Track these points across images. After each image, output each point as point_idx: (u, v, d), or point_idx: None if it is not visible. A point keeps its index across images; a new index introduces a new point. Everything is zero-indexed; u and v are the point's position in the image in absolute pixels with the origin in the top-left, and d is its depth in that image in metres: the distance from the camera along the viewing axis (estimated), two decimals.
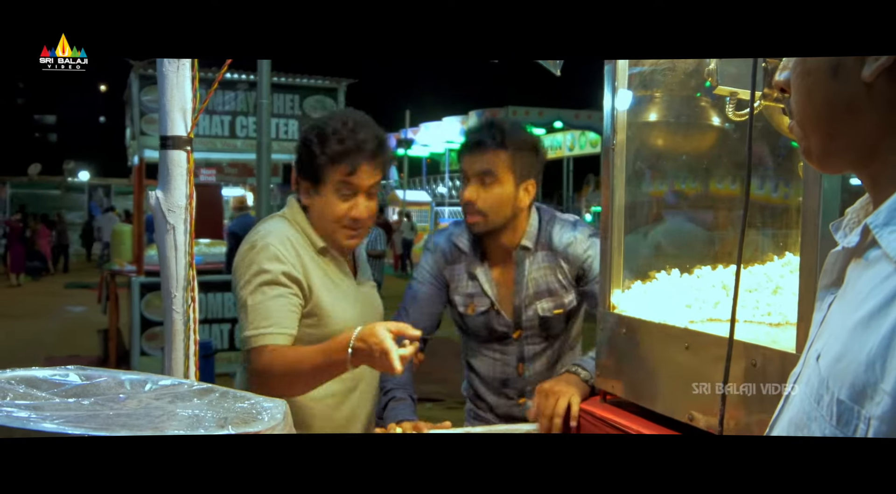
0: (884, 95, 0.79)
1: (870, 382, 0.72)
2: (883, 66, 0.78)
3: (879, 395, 0.71)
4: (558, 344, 2.30)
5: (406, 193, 21.68)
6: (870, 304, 0.75)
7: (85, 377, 1.13)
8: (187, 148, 1.57)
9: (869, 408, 0.72)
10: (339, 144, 1.92)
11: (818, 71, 0.84)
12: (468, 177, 2.18)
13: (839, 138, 0.84)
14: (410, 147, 22.90)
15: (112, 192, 27.24)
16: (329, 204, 1.95)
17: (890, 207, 0.78)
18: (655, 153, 1.97)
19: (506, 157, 2.16)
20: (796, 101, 0.87)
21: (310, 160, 1.95)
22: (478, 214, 2.17)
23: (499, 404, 2.32)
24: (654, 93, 1.90)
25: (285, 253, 1.89)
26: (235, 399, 1.15)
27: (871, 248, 0.79)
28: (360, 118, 2.00)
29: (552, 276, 2.23)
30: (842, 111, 0.82)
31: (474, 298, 2.27)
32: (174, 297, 1.58)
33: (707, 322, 1.61)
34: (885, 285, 0.74)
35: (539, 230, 2.26)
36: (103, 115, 46.33)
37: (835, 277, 0.88)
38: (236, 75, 8.38)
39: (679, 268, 1.82)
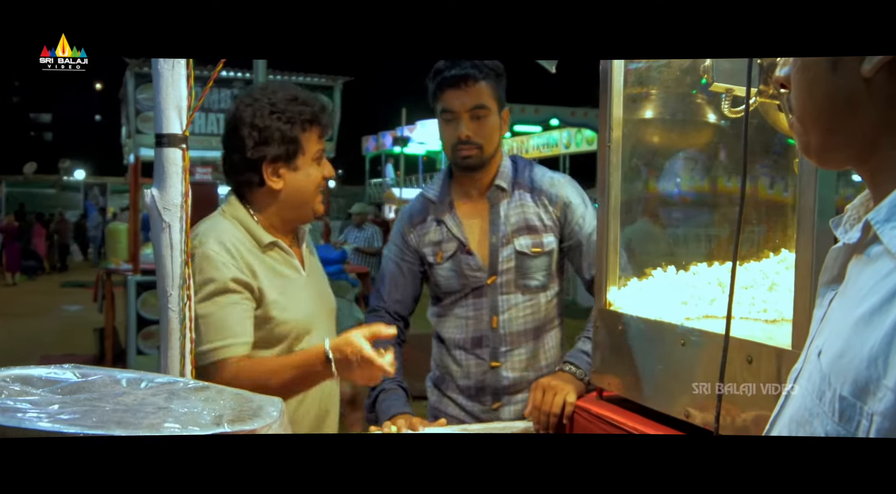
0: (883, 91, 0.80)
1: (872, 378, 0.72)
2: (882, 61, 0.78)
3: (882, 391, 0.71)
4: (536, 306, 2.21)
5: (402, 191, 21.66)
6: (871, 300, 0.75)
7: (80, 375, 1.13)
8: (183, 146, 1.57)
9: (871, 404, 0.72)
10: (307, 108, 1.90)
11: (818, 66, 0.84)
12: (458, 113, 2.16)
13: (838, 134, 0.84)
14: (407, 144, 22.87)
15: (108, 191, 27.18)
16: (309, 174, 1.92)
17: (891, 203, 0.78)
18: (651, 150, 1.97)
19: (490, 88, 2.18)
20: (796, 97, 0.88)
21: (283, 136, 1.87)
22: (475, 148, 2.17)
23: (469, 371, 2.22)
24: (650, 90, 1.90)
25: (229, 258, 1.82)
26: (231, 396, 1.15)
27: (873, 244, 0.79)
28: (289, 86, 1.97)
29: (532, 214, 2.21)
30: (841, 106, 0.83)
31: (442, 244, 2.25)
32: (170, 296, 1.57)
33: (703, 319, 1.61)
34: (887, 281, 0.74)
35: (515, 172, 2.26)
36: (99, 114, 46.30)
37: (836, 273, 0.88)
38: (232, 73, 8.36)
39: (675, 265, 1.82)
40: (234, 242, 1.86)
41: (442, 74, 2.18)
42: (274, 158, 1.88)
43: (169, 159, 1.56)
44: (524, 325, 2.20)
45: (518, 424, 2.02)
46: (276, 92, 1.90)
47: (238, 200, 1.94)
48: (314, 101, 1.93)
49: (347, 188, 29.00)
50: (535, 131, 20.30)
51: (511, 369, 2.20)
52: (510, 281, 2.19)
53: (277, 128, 1.86)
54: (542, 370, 2.21)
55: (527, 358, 2.21)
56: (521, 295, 2.19)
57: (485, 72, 2.16)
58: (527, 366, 2.21)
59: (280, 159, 1.88)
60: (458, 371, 2.25)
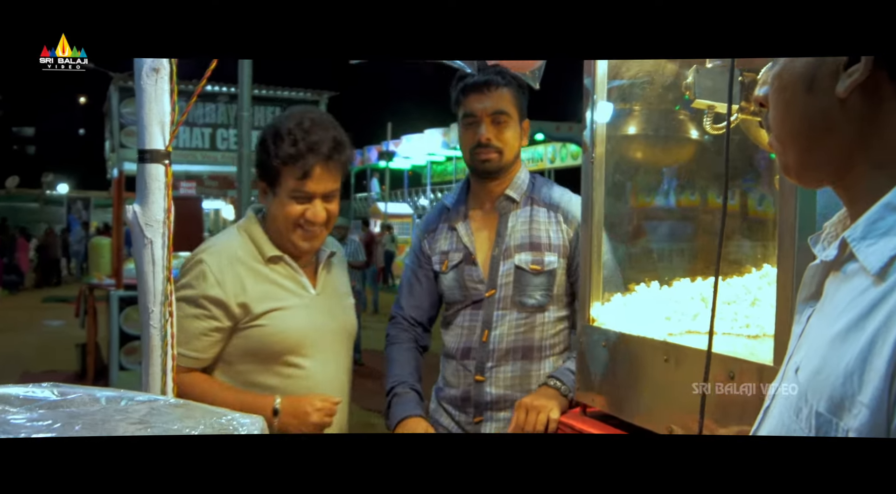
0: (857, 111, 0.81)
1: (847, 394, 0.73)
2: (856, 81, 0.80)
3: (857, 408, 0.72)
4: (529, 325, 2.16)
5: (387, 206, 21.67)
6: (847, 317, 0.76)
7: (59, 393, 1.12)
8: (165, 161, 1.56)
9: (847, 421, 0.73)
10: (291, 146, 1.88)
11: (794, 86, 0.85)
12: (479, 117, 2.17)
13: (815, 153, 0.86)
14: (392, 159, 22.91)
15: (91, 205, 27.01)
16: (283, 206, 1.91)
17: (867, 221, 0.79)
18: (634, 166, 1.98)
19: (512, 96, 2.19)
20: (774, 116, 0.89)
21: (265, 162, 1.92)
22: (494, 151, 2.17)
23: (458, 381, 2.21)
24: (634, 107, 1.92)
25: (216, 273, 1.88)
26: (212, 414, 1.14)
27: (849, 262, 0.81)
28: (317, 117, 1.95)
29: (541, 230, 2.18)
30: (817, 126, 0.84)
31: (449, 254, 2.25)
32: (151, 312, 1.56)
33: (686, 334, 1.61)
34: (863, 298, 0.75)
35: (532, 186, 2.25)
36: (83, 128, 46.07)
37: (813, 290, 0.89)
38: (217, 87, 8.36)
39: (658, 281, 1.83)
40: (233, 256, 1.92)
41: (465, 80, 2.20)
42: (261, 177, 1.96)
43: (151, 175, 1.56)
44: (514, 343, 2.16)
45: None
46: (299, 118, 1.93)
47: (255, 215, 2.02)
48: (296, 144, 1.88)
49: None
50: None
51: (495, 385, 2.16)
52: (507, 296, 2.16)
53: (259, 153, 1.95)
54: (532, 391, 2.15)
55: (513, 376, 2.16)
56: (517, 312, 2.16)
57: (507, 79, 2.17)
58: (513, 385, 2.16)
59: (264, 180, 1.95)
60: (449, 380, 2.25)
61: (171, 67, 1.55)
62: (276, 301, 1.92)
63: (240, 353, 1.92)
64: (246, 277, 1.91)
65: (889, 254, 0.75)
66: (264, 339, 1.90)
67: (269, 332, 1.90)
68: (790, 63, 0.86)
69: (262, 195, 1.99)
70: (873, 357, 0.71)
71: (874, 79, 0.79)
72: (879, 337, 0.71)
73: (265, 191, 1.96)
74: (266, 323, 1.90)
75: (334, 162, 1.91)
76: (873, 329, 0.72)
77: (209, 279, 1.87)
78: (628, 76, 1.86)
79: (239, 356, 1.92)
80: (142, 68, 1.52)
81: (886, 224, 0.77)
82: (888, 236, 0.76)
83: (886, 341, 0.70)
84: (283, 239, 1.96)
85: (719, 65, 1.55)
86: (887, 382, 0.70)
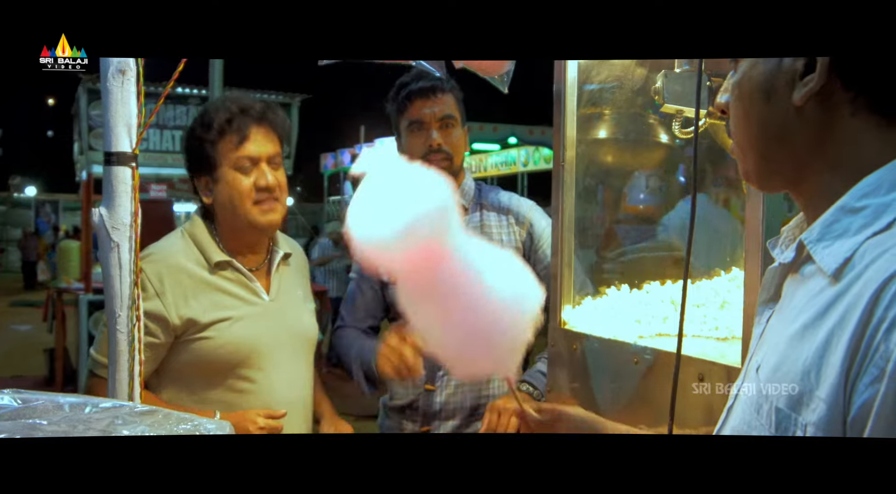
0: (812, 119, 0.84)
1: (805, 390, 0.77)
2: (811, 90, 0.83)
3: (815, 402, 0.76)
4: None
5: None
6: (805, 316, 0.79)
7: (21, 400, 1.10)
8: (132, 164, 1.54)
9: (805, 415, 0.76)
10: (224, 114, 1.83)
11: (753, 95, 0.88)
12: (427, 123, 2.14)
13: (773, 159, 0.89)
14: None
15: (60, 208, 26.62)
16: (230, 185, 1.83)
17: (822, 223, 0.82)
18: (605, 169, 1.99)
19: (454, 100, 2.18)
20: (734, 124, 0.92)
21: (197, 148, 1.85)
22: (446, 159, 2.14)
23: (407, 391, 2.17)
24: (603, 111, 1.93)
25: (155, 284, 1.78)
26: (179, 420, 1.13)
27: (806, 264, 0.84)
28: (240, 94, 1.92)
29: (493, 234, 2.16)
30: (775, 133, 0.87)
31: None
32: (118, 317, 1.54)
33: (656, 337, 1.62)
34: (819, 298, 0.78)
35: (478, 191, 2.24)
36: (51, 130, 45.39)
37: (772, 293, 0.92)
38: (188, 90, 8.28)
39: (628, 284, 1.84)
40: (174, 264, 1.82)
41: (409, 86, 2.16)
42: (197, 173, 1.88)
43: (118, 178, 1.53)
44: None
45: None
46: (223, 97, 1.89)
47: (202, 219, 1.91)
48: (227, 109, 1.84)
49: (306, 205, 28.82)
50: (494, 149, 20.39)
51: (445, 394, 2.14)
52: None
53: (194, 139, 1.86)
54: (482, 400, 2.15)
55: (463, 385, 2.14)
56: None
57: (450, 85, 2.16)
58: (463, 393, 2.14)
59: (203, 173, 1.87)
60: (397, 390, 2.20)
61: (137, 69, 1.53)
62: (224, 310, 1.82)
63: (188, 367, 1.82)
64: (189, 287, 1.81)
65: (844, 256, 0.78)
66: (211, 353, 1.80)
67: (216, 345, 1.80)
68: (749, 72, 0.89)
69: (205, 191, 1.88)
70: (829, 354, 0.74)
71: (828, 87, 0.82)
72: (834, 335, 0.74)
73: (206, 184, 1.87)
74: (213, 336, 1.80)
75: (269, 122, 1.86)
76: (829, 327, 0.75)
77: (148, 290, 1.75)
78: (598, 80, 1.87)
79: (187, 370, 1.82)
80: (108, 70, 1.50)
81: (841, 226, 0.80)
82: (843, 238, 0.79)
83: (841, 339, 0.73)
84: (239, 227, 1.86)
85: (687, 69, 1.57)
86: (843, 377, 0.73)
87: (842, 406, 0.73)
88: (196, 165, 1.88)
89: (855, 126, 0.82)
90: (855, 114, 0.82)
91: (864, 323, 0.72)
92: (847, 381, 0.72)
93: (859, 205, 0.80)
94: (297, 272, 2.03)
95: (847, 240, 0.79)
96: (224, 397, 1.82)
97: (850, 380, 0.72)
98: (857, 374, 0.72)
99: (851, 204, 0.80)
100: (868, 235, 0.77)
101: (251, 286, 1.89)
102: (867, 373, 0.71)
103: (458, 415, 2.13)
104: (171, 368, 1.83)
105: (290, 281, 1.99)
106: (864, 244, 0.77)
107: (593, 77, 1.87)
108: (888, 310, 0.70)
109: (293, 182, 5.16)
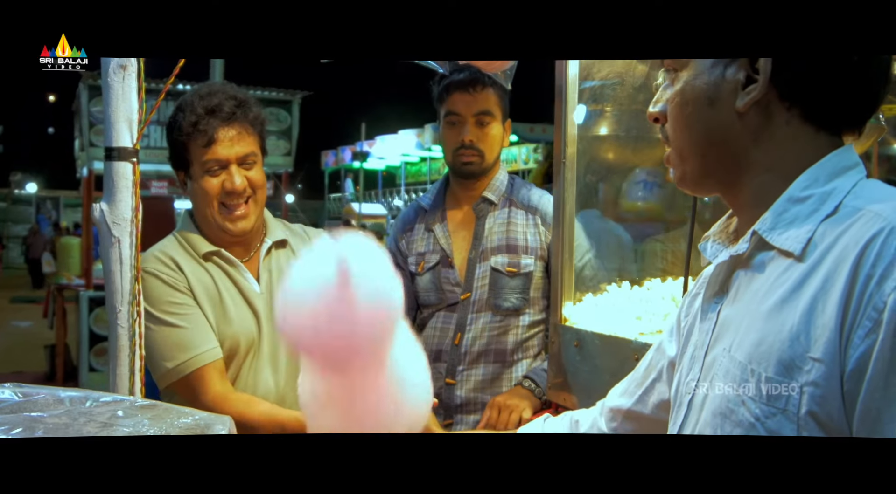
0: (752, 125, 0.93)
1: (797, 354, 0.82)
2: (754, 98, 0.92)
3: (809, 364, 0.81)
4: (504, 328, 2.13)
5: (362, 206, 21.61)
6: (778, 293, 0.86)
7: (22, 394, 1.10)
8: (133, 159, 1.54)
9: (800, 378, 0.82)
10: (191, 114, 1.74)
11: (697, 101, 0.96)
12: (464, 117, 2.15)
13: (713, 161, 0.97)
14: (366, 160, 22.83)
15: (61, 205, 26.63)
16: (201, 187, 1.77)
17: (774, 213, 0.91)
18: (606, 166, 1.99)
19: (496, 96, 2.17)
20: (674, 129, 0.99)
21: (173, 145, 1.79)
22: (476, 154, 2.15)
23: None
24: (605, 108, 1.93)
25: (168, 272, 1.76)
26: (179, 414, 1.13)
27: (760, 252, 0.93)
28: (216, 86, 1.83)
29: (519, 232, 2.16)
30: (717, 137, 0.95)
31: (426, 255, 2.22)
32: (119, 312, 1.54)
33: (657, 333, 1.62)
34: (788, 275, 0.87)
35: (510, 187, 2.23)
36: (52, 126, 45.40)
37: (718, 288, 0.99)
38: (189, 86, 8.26)
39: (629, 281, 1.84)
40: (170, 257, 1.79)
41: (450, 77, 2.16)
42: (176, 169, 1.83)
43: (119, 173, 1.54)
44: (487, 346, 2.13)
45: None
46: (198, 89, 1.80)
47: (188, 214, 1.88)
48: (194, 111, 1.76)
49: (307, 203, 28.85)
50: None
51: (466, 389, 2.15)
52: (483, 299, 2.13)
53: (168, 139, 1.81)
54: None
55: (485, 380, 2.14)
56: (493, 315, 2.13)
57: (492, 79, 2.14)
58: (484, 388, 2.14)
59: (180, 169, 1.82)
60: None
61: (138, 65, 1.53)
62: (214, 302, 1.79)
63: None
64: (189, 274, 1.78)
65: (805, 237, 0.87)
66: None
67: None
68: (692, 81, 0.96)
69: (183, 188, 1.84)
70: (816, 317, 0.81)
71: (767, 97, 0.92)
72: (819, 300, 0.82)
73: (183, 180, 1.82)
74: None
75: (240, 121, 1.77)
76: (811, 294, 0.83)
77: (166, 280, 1.73)
78: (599, 77, 1.88)
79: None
80: (109, 66, 1.50)
81: (791, 214, 0.90)
82: (795, 224, 0.89)
83: (829, 301, 0.81)
84: (211, 227, 1.81)
85: None
86: (837, 333, 0.80)
87: (838, 361, 0.79)
88: (174, 162, 1.83)
89: (790, 133, 0.93)
90: (789, 123, 0.92)
91: (851, 283, 0.79)
92: (842, 336, 0.79)
93: (804, 194, 0.90)
94: (277, 261, 1.92)
95: (801, 225, 0.88)
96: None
97: (845, 335, 0.79)
98: (850, 328, 0.79)
99: (797, 194, 0.90)
100: (820, 219, 0.87)
101: (238, 276, 1.83)
102: (861, 326, 0.78)
103: (479, 411, 2.13)
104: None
105: (282, 272, 1.88)
106: (820, 226, 0.87)
107: (594, 74, 1.87)
108: (875, 267, 0.79)
109: (294, 179, 5.16)
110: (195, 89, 1.80)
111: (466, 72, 2.14)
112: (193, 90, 1.80)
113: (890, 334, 0.76)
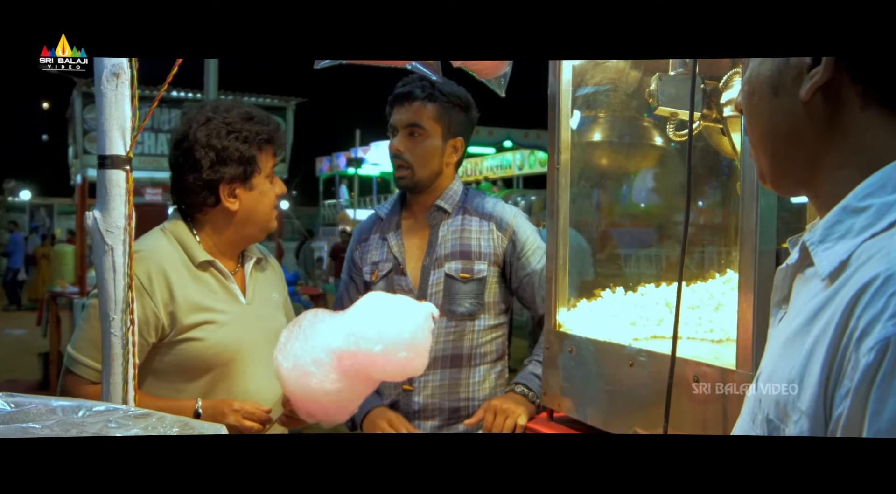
0: (820, 114, 0.81)
1: (789, 401, 0.74)
2: (817, 84, 0.80)
3: (797, 414, 0.73)
4: (459, 333, 2.13)
5: (356, 212, 21.59)
6: (798, 321, 0.77)
7: (14, 404, 1.09)
8: (126, 167, 1.53)
9: (790, 428, 0.74)
10: (263, 126, 1.88)
11: (761, 91, 0.86)
12: (396, 129, 2.18)
13: (783, 159, 0.86)
14: (361, 166, 22.82)
15: (55, 212, 26.56)
16: (264, 192, 1.91)
17: (825, 225, 0.79)
18: (600, 172, 2.00)
19: (434, 111, 2.17)
20: (746, 122, 0.90)
21: (238, 156, 1.84)
22: (405, 167, 2.17)
23: (387, 391, 2.16)
24: (598, 114, 1.93)
25: (144, 282, 1.76)
26: (173, 423, 1.13)
27: (809, 267, 0.81)
28: (240, 104, 1.95)
29: (473, 239, 2.17)
30: (783, 130, 0.84)
31: (380, 264, 2.23)
32: (112, 320, 1.53)
33: (651, 339, 1.62)
34: (813, 302, 0.76)
35: (464, 196, 2.24)
36: (45, 133, 45.26)
37: (784, 294, 0.89)
38: (183, 93, 8.26)
39: (624, 286, 1.84)
40: (160, 262, 1.80)
41: (394, 92, 2.20)
42: (231, 179, 1.85)
43: (112, 181, 1.53)
44: (441, 351, 2.13)
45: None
46: (229, 110, 1.87)
47: (181, 219, 1.90)
48: (268, 120, 1.92)
49: (301, 209, 28.82)
50: (489, 153, 20.44)
51: (423, 395, 2.14)
52: (437, 305, 2.08)
53: (236, 149, 1.84)
54: (461, 403, 2.15)
55: (441, 385, 2.14)
56: (447, 320, 2.14)
57: (430, 93, 2.15)
58: (441, 394, 2.14)
59: (237, 179, 1.86)
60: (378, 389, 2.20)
61: (131, 72, 1.53)
62: (208, 312, 1.82)
63: (170, 368, 1.81)
64: (175, 285, 1.80)
65: (840, 259, 0.75)
66: (197, 354, 1.80)
67: (203, 346, 1.80)
68: (758, 68, 0.86)
69: (229, 196, 1.86)
70: (812, 363, 0.72)
71: (836, 81, 0.79)
72: (818, 343, 0.72)
73: (234, 190, 1.85)
74: (199, 337, 1.80)
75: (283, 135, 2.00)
76: (815, 335, 0.73)
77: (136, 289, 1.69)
78: (593, 83, 1.88)
79: (170, 371, 1.81)
80: (102, 73, 1.50)
81: (843, 227, 0.77)
82: (844, 239, 0.76)
83: (820, 348, 0.71)
84: (255, 229, 1.92)
85: (682, 72, 1.57)
86: (822, 388, 0.71)
87: (822, 418, 0.71)
88: (232, 172, 1.85)
89: (865, 121, 0.79)
90: (864, 109, 0.79)
91: (840, 332, 0.70)
92: (826, 393, 0.70)
93: (862, 204, 0.76)
94: (271, 276, 2.06)
95: (848, 242, 0.75)
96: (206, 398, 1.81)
97: (830, 391, 0.70)
98: (834, 385, 0.70)
99: (854, 204, 0.77)
100: (867, 236, 0.74)
101: (230, 288, 1.90)
102: (842, 385, 0.69)
103: (437, 417, 2.14)
104: (153, 370, 1.82)
105: (264, 285, 2.02)
106: (862, 245, 0.74)
107: (588, 80, 1.87)
108: (860, 319, 0.68)
109: (288, 185, 5.22)
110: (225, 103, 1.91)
111: (410, 86, 2.17)
112: (227, 103, 1.91)
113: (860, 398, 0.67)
